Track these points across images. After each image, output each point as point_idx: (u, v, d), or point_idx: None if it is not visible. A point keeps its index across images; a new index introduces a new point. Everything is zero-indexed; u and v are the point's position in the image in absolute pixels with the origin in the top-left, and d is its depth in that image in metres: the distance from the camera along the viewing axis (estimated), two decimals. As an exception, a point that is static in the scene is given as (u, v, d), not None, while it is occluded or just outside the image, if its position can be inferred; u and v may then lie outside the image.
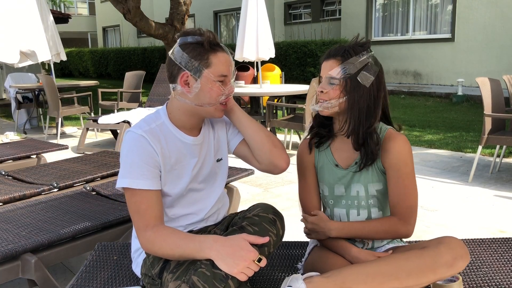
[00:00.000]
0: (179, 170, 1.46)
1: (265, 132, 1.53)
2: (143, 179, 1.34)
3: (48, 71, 11.13)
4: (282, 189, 3.80)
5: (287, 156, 1.53)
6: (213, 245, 1.20)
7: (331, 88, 1.44)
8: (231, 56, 1.44)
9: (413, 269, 1.26)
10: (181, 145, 1.46)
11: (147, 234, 1.32)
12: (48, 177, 2.85)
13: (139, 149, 1.36)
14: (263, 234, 1.27)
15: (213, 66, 1.38)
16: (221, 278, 1.16)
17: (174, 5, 8.94)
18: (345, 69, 1.43)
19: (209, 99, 1.40)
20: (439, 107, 8.48)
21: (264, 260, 1.20)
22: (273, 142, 1.52)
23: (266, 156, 1.51)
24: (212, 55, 1.38)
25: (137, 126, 1.42)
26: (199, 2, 16.37)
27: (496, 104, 3.87)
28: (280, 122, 4.92)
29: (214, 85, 1.39)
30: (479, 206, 3.30)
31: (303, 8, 14.99)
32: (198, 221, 1.54)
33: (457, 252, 1.28)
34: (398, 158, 1.45)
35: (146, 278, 1.44)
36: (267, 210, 1.36)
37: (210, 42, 1.38)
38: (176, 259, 1.32)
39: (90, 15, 28.97)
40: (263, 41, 5.60)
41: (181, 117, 1.46)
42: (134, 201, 1.35)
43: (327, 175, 1.55)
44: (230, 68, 1.42)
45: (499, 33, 9.63)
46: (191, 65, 1.38)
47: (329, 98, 1.45)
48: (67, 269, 2.45)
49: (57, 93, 5.95)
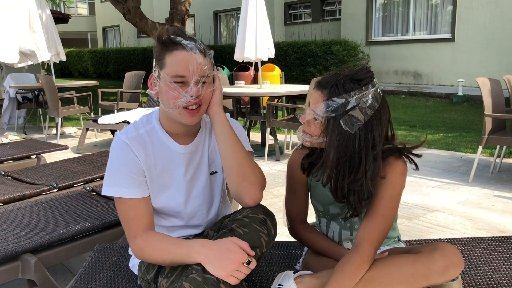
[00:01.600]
0: (165, 179, 1.40)
1: (237, 161, 1.33)
2: (129, 187, 1.32)
3: (48, 71, 11.12)
4: (282, 190, 3.80)
5: (257, 193, 1.32)
6: (201, 250, 1.19)
7: (313, 123, 1.29)
8: (197, 54, 1.27)
9: (405, 276, 1.22)
10: (168, 152, 1.40)
11: (137, 242, 1.31)
12: (48, 177, 2.85)
13: (123, 157, 1.33)
14: (253, 235, 1.23)
15: (167, 67, 1.28)
16: (212, 282, 1.14)
17: (174, 5, 8.93)
18: (329, 108, 1.24)
19: (167, 102, 1.30)
20: (439, 107, 8.48)
21: (253, 262, 1.18)
22: (244, 175, 1.32)
23: (232, 188, 1.35)
24: (167, 54, 1.28)
25: (125, 131, 1.38)
26: (199, 2, 16.36)
27: (496, 104, 3.87)
28: (280, 122, 4.92)
29: (169, 87, 1.28)
30: (479, 206, 3.29)
31: (303, 8, 14.99)
32: (196, 234, 1.51)
33: (451, 260, 1.22)
34: (390, 186, 1.30)
35: (143, 281, 1.43)
36: (256, 210, 1.30)
37: (163, 40, 1.28)
38: (168, 265, 1.30)
39: (90, 15, 28.96)
40: (263, 41, 5.59)
41: (166, 121, 1.39)
42: (122, 209, 1.33)
43: (321, 197, 1.46)
44: (189, 68, 1.26)
45: (499, 33, 9.63)
46: (154, 65, 1.34)
47: (310, 132, 1.31)
48: (67, 270, 2.45)
49: (57, 93, 5.95)
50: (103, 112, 7.00)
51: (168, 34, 1.29)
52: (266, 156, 4.91)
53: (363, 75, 1.26)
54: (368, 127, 1.24)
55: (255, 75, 7.48)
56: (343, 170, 1.26)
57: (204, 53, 1.31)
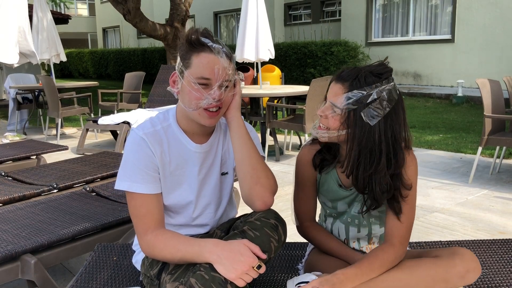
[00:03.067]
0: (179, 176, 1.41)
1: (252, 165, 1.35)
2: (142, 183, 1.32)
3: (48, 72, 11.12)
4: (282, 190, 3.80)
5: (269, 197, 1.35)
6: (213, 249, 1.19)
7: (331, 116, 1.30)
8: (223, 58, 1.30)
9: (425, 278, 1.27)
10: (184, 151, 1.41)
11: (147, 238, 1.31)
12: (48, 178, 2.85)
13: (139, 152, 1.34)
14: (264, 240, 1.24)
15: (193, 67, 1.29)
16: (219, 282, 1.15)
17: (174, 6, 8.95)
18: (350, 100, 1.27)
19: (188, 102, 1.32)
20: (439, 108, 8.48)
21: (263, 267, 1.19)
22: (257, 179, 1.34)
23: (244, 191, 1.36)
24: (194, 55, 1.29)
25: (141, 126, 1.38)
26: (199, 3, 16.37)
27: (496, 105, 3.87)
28: (280, 123, 4.92)
29: (193, 88, 1.29)
30: (479, 207, 3.29)
31: (303, 9, 15.00)
32: (202, 234, 1.51)
33: (470, 265, 1.28)
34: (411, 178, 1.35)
35: (145, 278, 1.43)
36: (269, 215, 1.31)
37: (191, 41, 1.30)
38: (177, 263, 1.31)
39: (90, 16, 28.97)
40: (263, 42, 5.59)
41: (183, 120, 1.40)
42: (134, 204, 1.33)
43: (330, 194, 1.47)
44: (214, 71, 1.28)
45: (499, 34, 9.63)
46: (179, 64, 1.34)
47: (328, 126, 1.31)
48: (67, 270, 2.45)
49: (57, 94, 5.95)
50: (103, 112, 7.00)
51: (197, 35, 1.31)
52: (266, 157, 4.91)
53: (383, 70, 1.31)
54: (388, 119, 1.27)
55: (255, 76, 7.48)
56: (364, 162, 1.28)
57: (230, 58, 1.33)
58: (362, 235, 1.48)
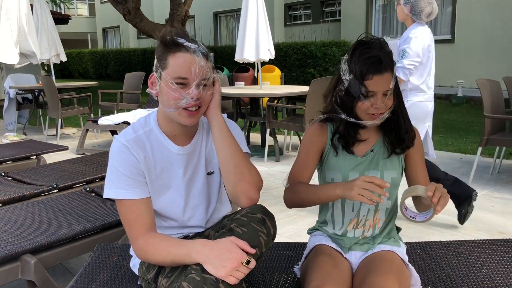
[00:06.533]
0: (165, 180, 1.41)
1: (235, 162, 1.36)
2: (129, 189, 1.33)
3: (48, 72, 11.13)
4: (282, 190, 3.79)
5: (253, 192, 1.35)
6: (201, 249, 1.19)
7: (390, 99, 1.46)
8: (200, 57, 1.30)
9: None
10: (167, 154, 1.41)
11: (139, 243, 1.32)
12: (48, 178, 2.85)
13: (122, 160, 1.34)
14: (252, 235, 1.24)
15: (169, 68, 1.29)
16: (211, 282, 1.15)
17: (174, 6, 8.94)
18: (395, 75, 1.47)
19: (167, 103, 1.32)
20: (439, 108, 8.48)
21: (253, 262, 1.18)
22: (241, 175, 1.34)
23: (229, 188, 1.37)
24: (170, 55, 1.29)
25: (123, 133, 1.39)
26: (199, 3, 16.36)
27: (496, 105, 3.87)
28: (280, 123, 4.92)
29: (171, 88, 1.29)
30: (479, 207, 3.29)
31: (303, 9, 15.00)
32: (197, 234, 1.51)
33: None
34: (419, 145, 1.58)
35: (143, 281, 1.44)
36: (255, 210, 1.30)
37: (166, 42, 1.29)
38: (169, 266, 1.31)
39: (90, 16, 28.98)
40: (263, 42, 5.59)
41: (164, 122, 1.40)
42: (124, 211, 1.34)
43: (342, 163, 1.52)
44: (191, 71, 1.28)
45: (499, 35, 9.64)
46: (156, 65, 1.34)
47: (388, 107, 1.45)
48: (67, 270, 2.45)
49: (57, 94, 5.95)
50: (103, 113, 7.00)
51: (171, 35, 1.29)
52: (266, 157, 4.91)
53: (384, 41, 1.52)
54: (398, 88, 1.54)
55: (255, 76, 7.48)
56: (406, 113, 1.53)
57: (206, 56, 1.33)
58: (372, 206, 1.52)
